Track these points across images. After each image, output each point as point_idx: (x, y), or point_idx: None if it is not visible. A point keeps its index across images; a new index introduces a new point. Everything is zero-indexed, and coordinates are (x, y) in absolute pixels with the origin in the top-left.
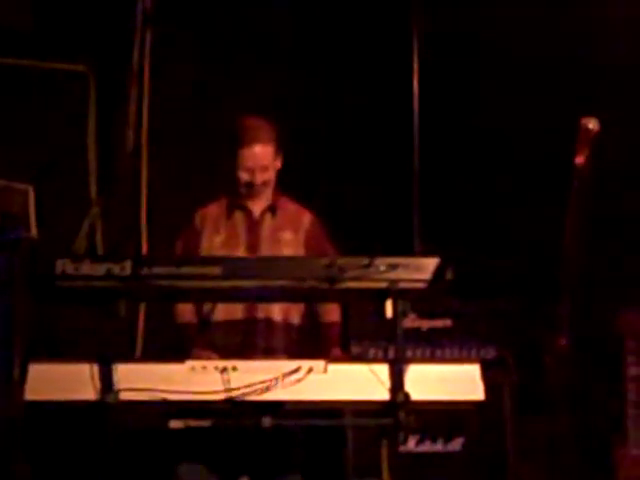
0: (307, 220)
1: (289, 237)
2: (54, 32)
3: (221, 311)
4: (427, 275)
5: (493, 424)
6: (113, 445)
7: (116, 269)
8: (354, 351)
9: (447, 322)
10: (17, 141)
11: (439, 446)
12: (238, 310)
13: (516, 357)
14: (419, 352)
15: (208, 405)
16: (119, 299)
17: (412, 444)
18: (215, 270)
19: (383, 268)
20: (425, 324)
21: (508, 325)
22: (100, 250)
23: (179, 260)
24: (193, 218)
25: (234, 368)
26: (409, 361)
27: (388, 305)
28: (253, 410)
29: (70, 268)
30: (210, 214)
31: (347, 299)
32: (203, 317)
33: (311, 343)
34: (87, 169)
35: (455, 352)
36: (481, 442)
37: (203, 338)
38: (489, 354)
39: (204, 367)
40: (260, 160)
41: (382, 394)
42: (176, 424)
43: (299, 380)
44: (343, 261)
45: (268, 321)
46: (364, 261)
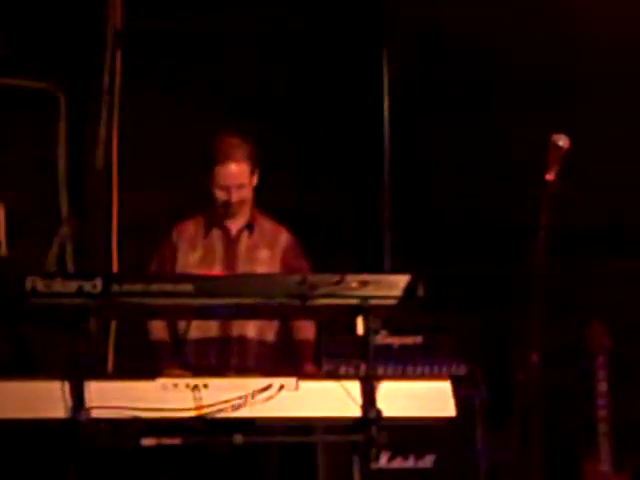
0: (284, 239)
1: (265, 255)
2: (24, 50)
3: (195, 329)
4: (398, 292)
5: (464, 440)
6: (84, 463)
7: (87, 286)
8: (325, 368)
9: (418, 339)
10: None
11: (410, 462)
12: (212, 328)
13: (486, 373)
14: (390, 369)
15: (180, 422)
16: (90, 316)
17: (384, 461)
18: (187, 287)
19: (354, 285)
20: (396, 341)
21: (478, 341)
22: (71, 268)
23: (150, 277)
24: (169, 235)
25: (205, 385)
26: (380, 378)
27: (359, 322)
28: (224, 427)
29: (41, 285)
30: (187, 231)
31: (319, 316)
32: (177, 335)
33: (286, 360)
34: (57, 187)
35: (426, 369)
36: (452, 458)
37: (176, 356)
38: (460, 370)
39: (175, 385)
40: (236, 178)
41: (354, 411)
42: (148, 442)
43: (270, 397)
44: (314, 278)
45: (242, 339)
46: (335, 278)
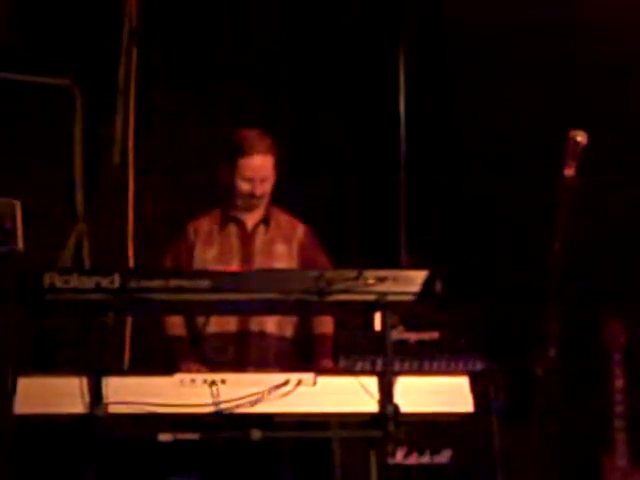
0: (300, 232)
1: (282, 250)
2: (41, 47)
3: (214, 324)
4: (416, 288)
5: (481, 436)
6: (102, 458)
7: (105, 282)
8: (342, 364)
9: (434, 334)
10: (3, 155)
11: (427, 458)
12: (232, 322)
13: (504, 369)
14: (407, 365)
15: (197, 418)
16: (108, 312)
17: (400, 456)
18: (204, 283)
19: (372, 281)
20: (413, 337)
21: (496, 337)
22: (87, 265)
23: (168, 273)
24: (186, 231)
25: (223, 381)
26: (398, 373)
27: (377, 317)
28: (242, 423)
29: (58, 281)
30: (203, 227)
31: (335, 312)
32: (195, 330)
33: (304, 355)
34: (73, 183)
35: (443, 364)
36: (469, 454)
37: (194, 351)
38: (477, 366)
39: (193, 380)
40: (261, 171)
41: (371, 406)
42: (165, 437)
43: (288, 393)
44: (331, 274)
45: (261, 334)
46: (353, 274)
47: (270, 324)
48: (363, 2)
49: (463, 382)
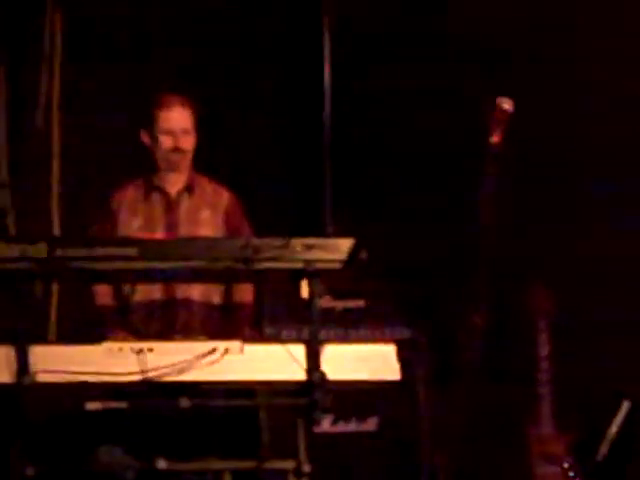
0: (225, 199)
1: (207, 216)
2: None
3: (140, 292)
4: (342, 255)
5: (407, 403)
6: (29, 428)
7: (31, 251)
8: (267, 332)
9: (360, 303)
10: None
11: (353, 425)
12: (157, 290)
13: (430, 336)
14: (332, 333)
15: (125, 386)
16: (34, 281)
17: (327, 424)
18: (131, 251)
19: (299, 249)
20: (339, 305)
21: (422, 305)
22: (12, 232)
23: (95, 241)
24: (109, 202)
25: (150, 349)
26: (325, 342)
27: (304, 285)
28: (170, 391)
29: None
30: (126, 198)
31: (263, 280)
32: (122, 299)
33: (231, 322)
34: None
35: (369, 333)
36: (395, 421)
37: (121, 320)
38: (403, 334)
39: (120, 349)
40: (181, 122)
41: (298, 374)
42: (93, 406)
43: (215, 361)
44: (259, 242)
45: (187, 301)
46: (279, 242)
47: (196, 291)
48: None
49: (390, 350)
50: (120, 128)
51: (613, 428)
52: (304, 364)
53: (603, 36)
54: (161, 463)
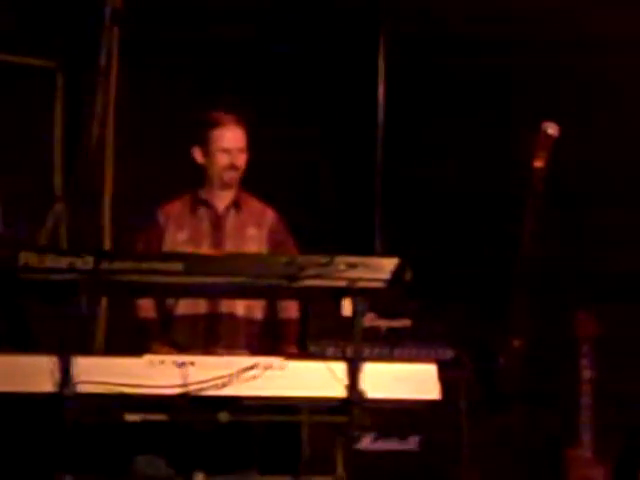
0: (270, 217)
1: (253, 233)
2: (22, 27)
3: (183, 306)
4: (386, 275)
5: (448, 423)
6: (70, 438)
7: (78, 263)
8: (312, 349)
9: (406, 322)
10: None
11: (394, 444)
12: (201, 305)
13: (472, 358)
14: (377, 351)
15: (165, 399)
16: (80, 292)
17: (367, 442)
18: (176, 266)
19: (342, 267)
20: (384, 324)
21: (465, 326)
22: (64, 245)
23: (141, 255)
24: (156, 216)
25: (192, 363)
26: (366, 359)
27: (346, 304)
28: (210, 405)
29: (33, 260)
30: (173, 211)
31: (306, 297)
32: (165, 312)
33: (273, 338)
34: (52, 164)
35: (413, 352)
36: (436, 441)
37: (164, 333)
38: (446, 354)
39: (162, 361)
40: (237, 141)
41: (338, 392)
42: (132, 417)
43: (256, 376)
44: (303, 259)
45: (230, 316)
46: (324, 259)
47: (240, 307)
48: None
49: (431, 369)
50: (173, 143)
51: None
52: (344, 381)
53: None
54: (200, 477)
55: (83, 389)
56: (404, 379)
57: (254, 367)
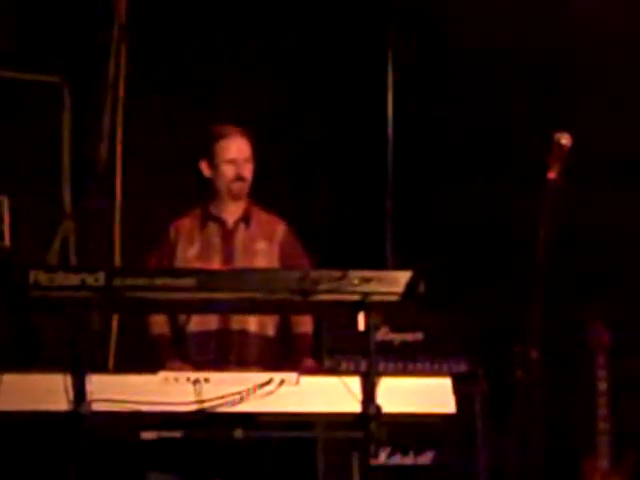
0: (281, 230)
1: (263, 247)
2: (30, 43)
3: (195, 322)
4: (399, 288)
5: (464, 437)
6: (85, 456)
7: (90, 280)
8: (327, 364)
9: (419, 336)
10: None
11: (410, 459)
12: (213, 321)
13: (487, 371)
14: (391, 365)
15: (180, 416)
16: (92, 310)
17: (383, 457)
18: (188, 282)
19: (356, 281)
20: (397, 337)
21: (480, 339)
22: (73, 262)
23: (152, 272)
24: (167, 231)
25: (206, 380)
26: (381, 374)
27: (360, 318)
28: (225, 422)
29: (43, 278)
30: (184, 226)
31: (320, 312)
32: (178, 328)
33: (286, 354)
34: (61, 180)
35: (427, 366)
36: (452, 455)
37: (177, 350)
38: (461, 367)
39: (176, 378)
40: (242, 152)
41: (354, 407)
42: (148, 435)
43: (271, 392)
44: (316, 274)
45: (243, 332)
46: (337, 274)
47: (252, 323)
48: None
49: (446, 383)
50: (181, 158)
51: None
52: (359, 396)
53: None
54: None
55: (98, 407)
56: (419, 393)
57: (268, 383)
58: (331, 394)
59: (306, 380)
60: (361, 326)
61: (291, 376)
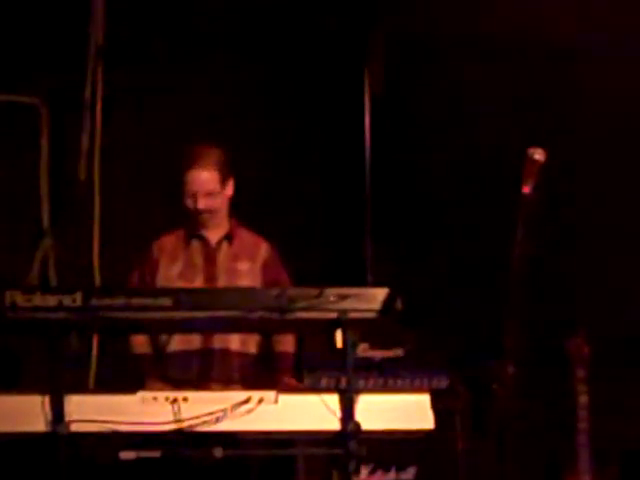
0: (264, 250)
1: (246, 267)
2: (6, 64)
3: (177, 341)
4: (377, 305)
5: (445, 452)
6: (64, 477)
7: (67, 300)
8: (307, 381)
9: (398, 352)
10: None
11: (392, 475)
12: (195, 340)
13: (466, 386)
14: (371, 382)
15: (159, 436)
16: (70, 330)
17: (365, 474)
18: (166, 301)
19: (333, 298)
20: (377, 354)
21: (458, 354)
22: (53, 281)
23: (130, 291)
24: (150, 249)
25: (185, 399)
26: (360, 391)
27: (338, 335)
28: (204, 441)
29: (20, 299)
30: (167, 245)
31: (298, 329)
32: (158, 348)
33: (269, 372)
34: (39, 200)
35: (407, 382)
36: (433, 470)
37: (159, 369)
38: (441, 383)
39: (155, 398)
40: (203, 185)
41: (333, 424)
42: (127, 455)
43: (250, 410)
44: (293, 291)
45: (224, 351)
46: (314, 291)
47: (234, 341)
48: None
49: (424, 399)
50: (161, 177)
51: None
52: (338, 414)
53: None
54: None
55: (77, 428)
56: (397, 410)
57: (247, 401)
58: (310, 412)
59: (285, 398)
60: (339, 343)
61: (270, 394)
